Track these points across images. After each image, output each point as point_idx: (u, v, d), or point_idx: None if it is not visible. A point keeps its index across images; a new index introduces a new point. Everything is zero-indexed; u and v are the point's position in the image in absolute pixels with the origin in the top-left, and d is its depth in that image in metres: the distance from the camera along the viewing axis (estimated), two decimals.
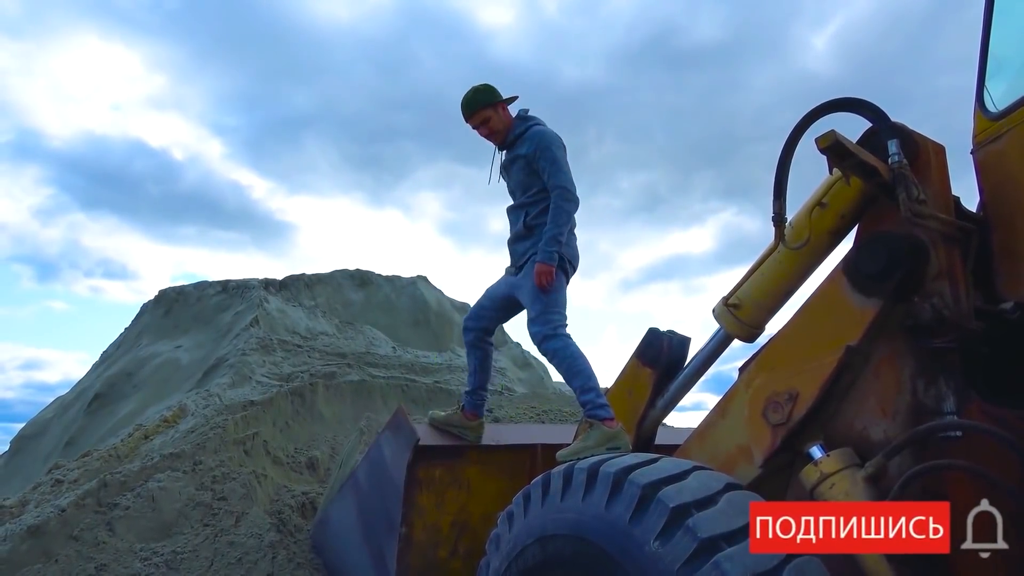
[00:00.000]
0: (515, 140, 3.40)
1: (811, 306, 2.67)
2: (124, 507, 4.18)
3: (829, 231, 2.67)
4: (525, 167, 3.33)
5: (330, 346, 9.98)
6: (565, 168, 3.27)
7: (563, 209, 3.18)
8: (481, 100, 3.41)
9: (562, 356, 3.07)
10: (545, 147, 3.26)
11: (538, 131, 3.34)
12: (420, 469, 3.70)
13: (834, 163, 2.37)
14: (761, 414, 2.67)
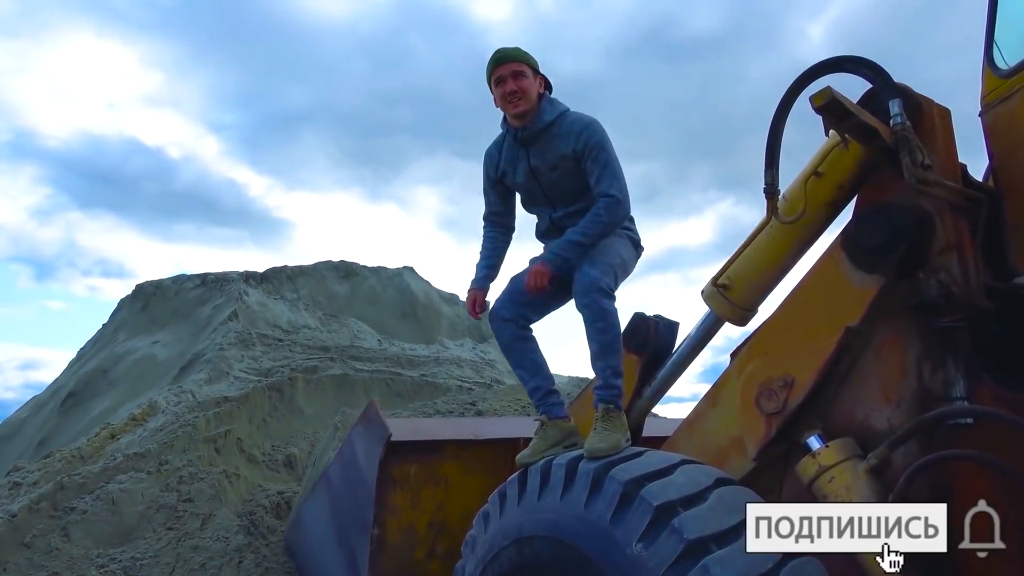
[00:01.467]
0: (544, 129, 2.79)
1: (807, 285, 2.51)
2: (81, 511, 3.99)
3: (826, 203, 2.49)
4: (574, 169, 2.75)
5: (313, 340, 9.80)
6: (620, 173, 2.71)
7: (604, 221, 2.64)
8: (529, 57, 2.82)
9: (609, 322, 2.54)
10: (597, 143, 2.69)
11: (582, 121, 2.75)
12: (393, 466, 3.52)
13: (830, 124, 2.19)
14: (754, 402, 2.52)
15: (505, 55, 2.82)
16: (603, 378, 2.60)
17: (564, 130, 2.75)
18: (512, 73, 2.78)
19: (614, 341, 2.56)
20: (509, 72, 2.78)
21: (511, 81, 2.78)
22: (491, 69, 2.83)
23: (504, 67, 2.80)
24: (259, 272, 11.55)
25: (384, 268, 13.32)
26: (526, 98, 2.77)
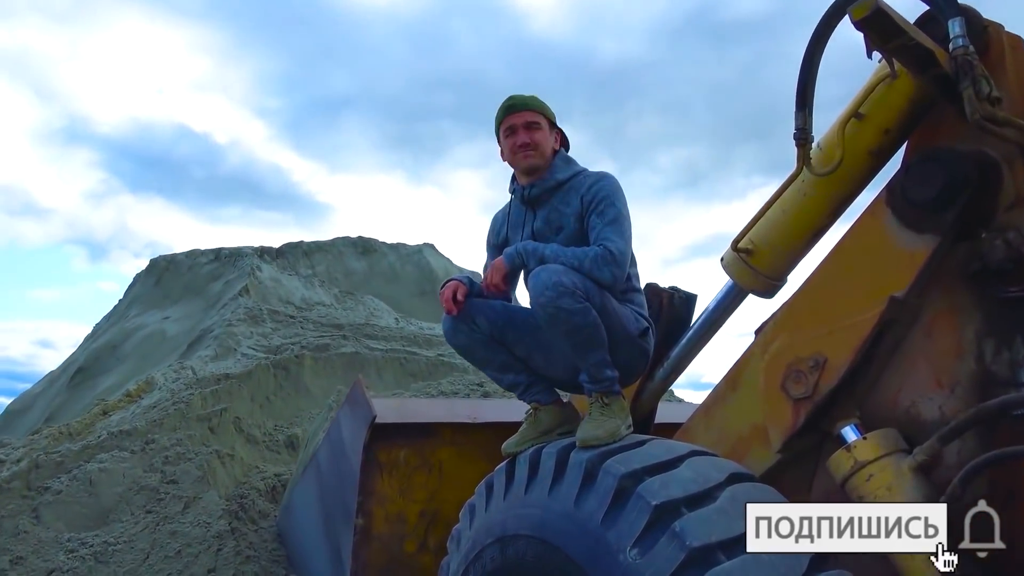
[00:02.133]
0: (555, 188, 2.45)
1: (844, 248, 2.19)
2: (55, 491, 3.84)
3: (868, 151, 2.15)
4: (579, 232, 2.38)
5: (326, 317, 9.63)
6: (627, 236, 2.33)
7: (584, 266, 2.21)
8: (545, 108, 2.51)
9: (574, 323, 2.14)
10: (606, 196, 2.33)
11: (597, 174, 2.45)
12: (380, 451, 3.29)
13: (874, 44, 1.84)
14: (780, 386, 2.24)
15: (519, 102, 2.49)
16: (589, 376, 2.30)
17: (575, 186, 2.43)
18: (525, 124, 2.47)
19: (592, 338, 2.19)
20: (522, 122, 2.47)
21: (523, 132, 2.46)
22: (501, 117, 2.51)
23: (516, 116, 2.48)
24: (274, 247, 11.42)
25: (403, 245, 13.10)
26: (539, 152, 2.46)
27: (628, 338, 2.34)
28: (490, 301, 2.47)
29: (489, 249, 2.70)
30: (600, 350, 2.22)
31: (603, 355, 2.24)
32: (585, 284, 2.16)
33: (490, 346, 2.45)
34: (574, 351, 2.21)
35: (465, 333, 2.43)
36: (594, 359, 2.23)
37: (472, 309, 2.41)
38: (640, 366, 2.47)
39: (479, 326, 2.42)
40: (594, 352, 2.21)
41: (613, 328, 2.27)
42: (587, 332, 2.16)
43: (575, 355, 2.23)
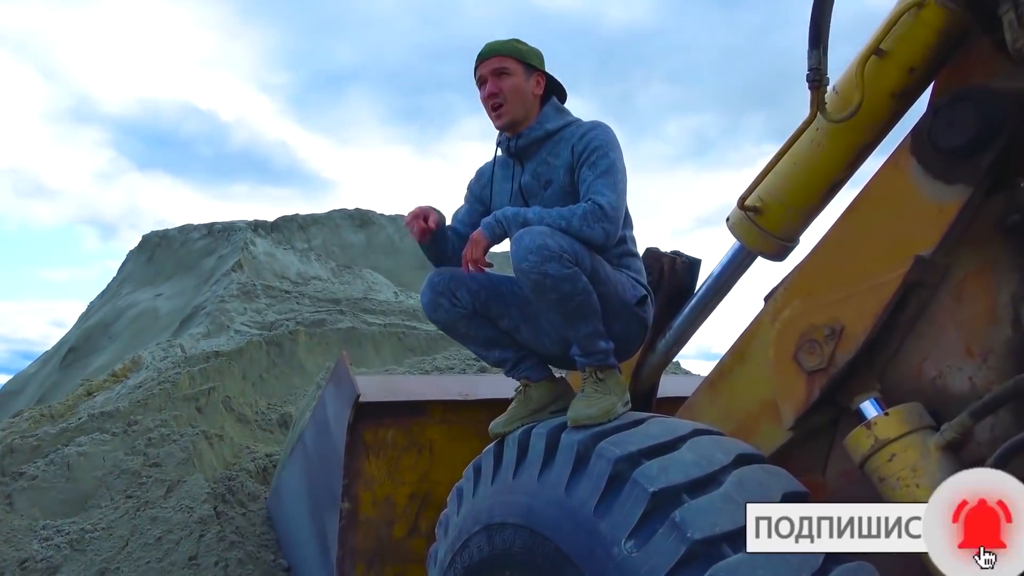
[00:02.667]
0: (544, 138, 2.24)
1: (863, 203, 2.00)
2: (31, 476, 3.72)
3: (891, 93, 1.94)
4: (570, 185, 2.18)
5: (323, 291, 9.49)
6: (621, 189, 2.11)
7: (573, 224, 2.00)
8: (516, 49, 2.24)
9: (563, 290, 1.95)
10: (599, 146, 2.13)
11: (590, 123, 2.23)
12: (366, 431, 3.15)
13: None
14: (792, 356, 2.07)
15: (486, 49, 2.25)
16: (581, 348, 2.10)
17: (567, 136, 2.20)
18: (492, 71, 2.22)
19: (582, 306, 1.99)
20: (489, 70, 2.23)
21: (491, 81, 2.22)
22: (474, 68, 2.28)
23: (484, 65, 2.23)
24: (269, 221, 11.24)
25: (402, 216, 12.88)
26: (509, 103, 2.22)
27: (624, 307, 2.15)
28: (474, 274, 2.27)
29: (469, 198, 2.49)
30: (592, 320, 2.03)
31: (595, 325, 2.05)
32: (573, 247, 1.96)
33: (473, 320, 2.26)
34: (563, 322, 2.03)
35: (445, 308, 2.23)
36: (585, 330, 2.04)
37: (452, 281, 2.22)
38: (638, 338, 2.28)
39: (460, 299, 2.22)
40: (586, 322, 2.03)
41: (607, 296, 2.08)
42: (577, 300, 1.97)
43: (565, 326, 2.05)
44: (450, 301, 2.22)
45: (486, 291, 2.24)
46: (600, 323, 2.07)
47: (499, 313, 2.26)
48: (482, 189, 2.44)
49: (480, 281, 2.24)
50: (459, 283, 2.22)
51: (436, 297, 2.23)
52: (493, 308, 2.25)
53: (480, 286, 2.23)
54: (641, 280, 2.28)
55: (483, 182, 2.45)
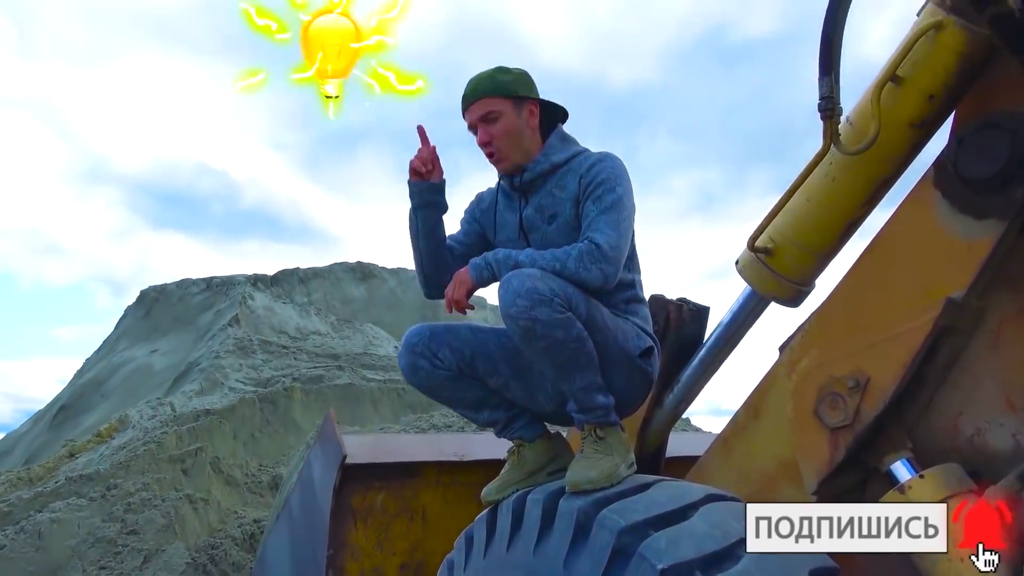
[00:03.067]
0: (549, 171, 2.08)
1: (885, 242, 1.86)
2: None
3: (910, 122, 1.81)
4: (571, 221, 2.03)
5: (322, 346, 9.34)
6: (625, 229, 1.94)
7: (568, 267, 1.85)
8: (498, 84, 2.06)
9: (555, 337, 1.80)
10: (605, 179, 1.97)
11: (597, 155, 2.06)
12: (353, 495, 2.96)
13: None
14: (812, 411, 1.90)
15: (468, 91, 2.08)
16: (577, 404, 1.93)
17: (574, 167, 2.04)
18: (481, 118, 2.06)
19: (576, 355, 1.83)
20: (477, 117, 2.07)
21: (481, 129, 2.07)
22: (462, 112, 2.13)
23: (471, 111, 2.08)
24: (268, 275, 11.17)
25: (404, 269, 12.82)
26: (505, 148, 2.07)
27: (625, 357, 1.98)
28: (454, 327, 2.09)
29: (467, 220, 2.31)
30: (588, 371, 1.86)
31: (592, 377, 1.88)
32: (566, 290, 1.81)
33: (458, 382, 2.07)
34: (557, 373, 1.86)
35: (426, 371, 2.03)
36: (581, 382, 1.87)
37: (432, 341, 2.03)
38: (641, 392, 2.10)
39: (442, 360, 2.03)
40: (581, 374, 1.86)
41: (605, 345, 1.91)
42: (571, 349, 1.80)
43: (558, 378, 1.88)
44: (431, 363, 2.03)
45: (470, 347, 2.05)
46: (598, 375, 1.90)
47: (486, 371, 2.07)
48: (483, 214, 2.28)
49: (463, 337, 2.06)
50: (440, 342, 2.04)
51: (415, 359, 2.03)
52: (479, 366, 2.06)
53: (463, 343, 2.05)
54: (647, 329, 2.11)
55: (484, 207, 2.28)
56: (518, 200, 2.15)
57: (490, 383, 2.07)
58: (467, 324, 2.12)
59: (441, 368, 2.03)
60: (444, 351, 2.02)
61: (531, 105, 2.09)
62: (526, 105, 2.08)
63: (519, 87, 2.08)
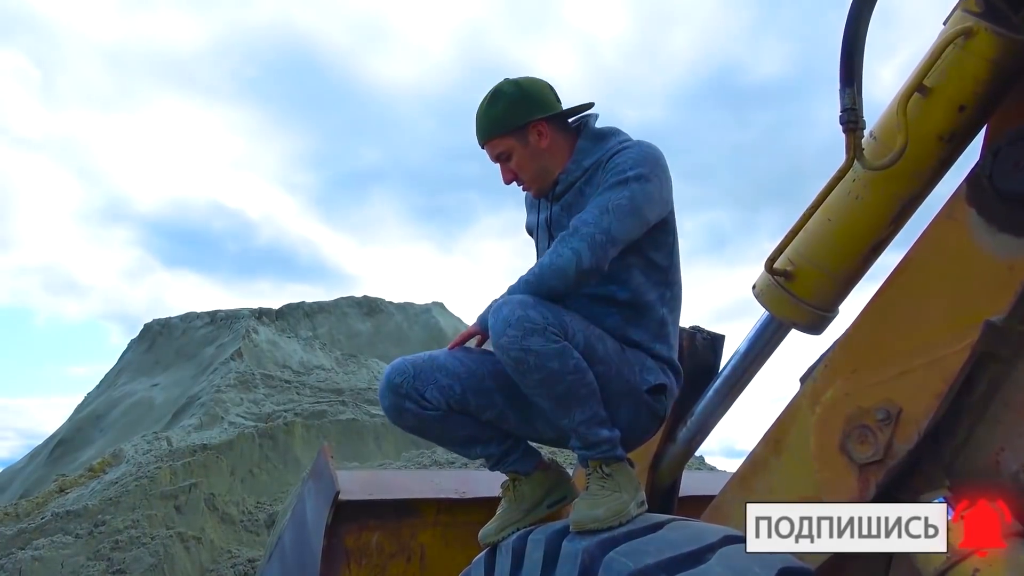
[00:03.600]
0: (580, 177, 1.96)
1: (914, 262, 1.75)
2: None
3: (939, 135, 1.71)
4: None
5: (325, 381, 9.21)
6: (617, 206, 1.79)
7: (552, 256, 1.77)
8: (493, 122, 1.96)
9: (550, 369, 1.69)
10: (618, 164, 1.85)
11: (627, 144, 1.93)
12: (348, 534, 2.83)
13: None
14: (839, 446, 1.77)
15: (476, 134, 2.02)
16: (580, 439, 1.79)
17: (602, 161, 1.92)
18: (496, 158, 2.00)
19: (574, 388, 1.70)
20: (493, 159, 2.02)
21: (502, 169, 2.01)
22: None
23: (486, 149, 2.02)
24: (274, 309, 11.09)
25: (411, 304, 12.72)
26: (529, 178, 1.99)
27: (631, 392, 1.84)
28: (439, 358, 1.92)
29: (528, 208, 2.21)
30: (589, 404, 1.73)
31: (594, 410, 1.75)
32: (561, 318, 1.69)
33: (448, 421, 1.89)
34: (554, 407, 1.73)
35: (412, 413, 1.87)
36: (582, 416, 1.73)
37: (417, 380, 1.86)
38: (648, 429, 1.96)
39: (429, 401, 1.85)
40: (581, 407, 1.72)
41: (607, 377, 1.78)
42: (568, 381, 1.68)
43: (556, 413, 1.75)
44: (417, 404, 1.85)
45: (460, 383, 1.87)
46: (600, 407, 1.77)
47: (480, 405, 1.89)
48: (528, 213, 2.19)
49: (451, 371, 1.88)
50: (426, 381, 1.85)
51: (399, 401, 1.86)
52: (472, 401, 1.88)
53: (452, 378, 1.87)
54: (669, 363, 1.97)
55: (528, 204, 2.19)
56: (546, 202, 2.05)
57: (484, 417, 1.91)
58: (450, 352, 1.95)
59: (429, 409, 1.86)
60: (432, 391, 1.85)
61: (536, 126, 1.95)
62: (531, 129, 1.95)
63: (515, 116, 1.94)
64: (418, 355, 1.96)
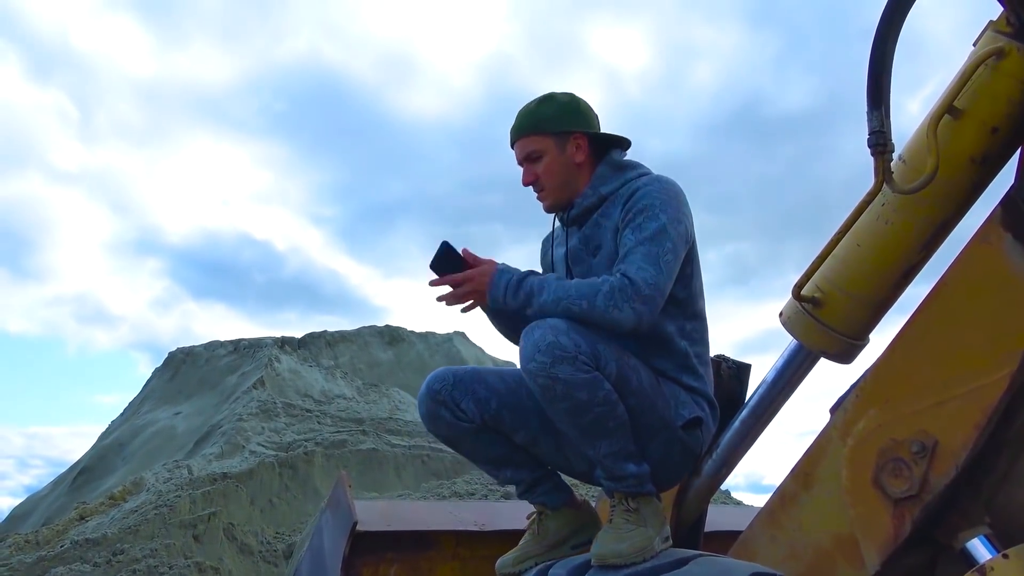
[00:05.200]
0: (598, 204, 1.95)
1: (948, 288, 1.69)
2: None
3: (971, 157, 1.67)
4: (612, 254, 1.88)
5: (346, 411, 9.24)
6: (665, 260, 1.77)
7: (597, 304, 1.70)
8: (540, 120, 1.95)
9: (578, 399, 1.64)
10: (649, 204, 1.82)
11: (648, 179, 1.92)
12: (365, 567, 2.77)
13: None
14: (872, 480, 1.70)
15: (513, 129, 2.00)
16: (605, 470, 1.77)
17: (622, 194, 1.90)
18: (525, 157, 1.97)
19: (602, 420, 1.67)
20: (522, 156, 1.99)
21: (525, 168, 1.99)
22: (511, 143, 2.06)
23: (516, 148, 1.99)
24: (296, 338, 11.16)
25: (433, 333, 12.77)
26: (549, 186, 1.96)
27: (664, 427, 1.80)
28: (481, 372, 1.95)
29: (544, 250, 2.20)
30: (617, 437, 1.69)
31: (622, 444, 1.71)
32: (595, 347, 1.65)
33: (480, 436, 1.92)
34: (580, 437, 1.70)
35: (447, 421, 1.90)
36: (607, 449, 1.70)
37: (456, 390, 1.89)
38: (682, 467, 1.91)
39: (464, 412, 1.89)
40: (608, 440, 1.69)
41: (641, 411, 1.74)
42: (595, 412, 1.64)
43: (582, 442, 1.72)
44: (452, 413, 1.89)
45: (497, 399, 1.90)
46: (629, 441, 1.73)
47: (513, 425, 1.91)
48: (543, 258, 2.17)
49: (490, 385, 1.91)
50: (464, 391, 1.89)
51: (436, 407, 1.90)
52: (506, 419, 1.91)
53: (490, 392, 1.90)
54: (706, 394, 1.93)
55: (543, 251, 2.17)
56: (569, 231, 2.02)
57: (517, 438, 1.91)
58: (496, 369, 1.98)
59: (463, 420, 1.89)
60: (468, 402, 1.88)
61: (578, 138, 1.95)
62: (571, 139, 1.94)
63: (563, 121, 1.94)
64: (463, 366, 1.97)
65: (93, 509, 5.02)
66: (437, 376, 1.93)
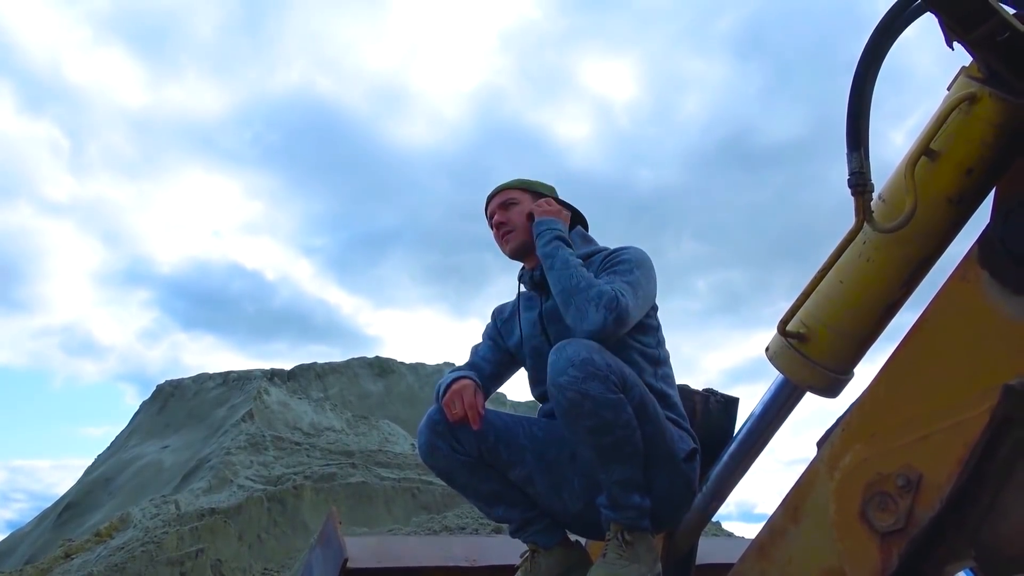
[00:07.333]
0: None
1: (928, 324, 1.73)
2: None
3: (948, 197, 1.71)
4: None
5: (336, 443, 9.17)
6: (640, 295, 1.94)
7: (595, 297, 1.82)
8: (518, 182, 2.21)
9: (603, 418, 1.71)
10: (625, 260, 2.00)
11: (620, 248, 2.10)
12: None
13: (953, 31, 1.44)
14: (859, 514, 1.72)
15: (494, 190, 2.26)
16: (610, 498, 1.81)
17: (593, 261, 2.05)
18: (500, 205, 2.22)
19: (621, 443, 1.73)
20: (497, 205, 2.23)
21: (499, 213, 2.21)
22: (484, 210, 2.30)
23: (492, 202, 2.23)
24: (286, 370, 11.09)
25: (423, 365, 12.73)
26: (518, 230, 2.16)
27: (670, 458, 1.88)
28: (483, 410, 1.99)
29: (490, 333, 2.29)
30: (631, 464, 1.74)
31: (634, 472, 1.76)
32: (623, 371, 1.74)
33: (476, 471, 1.97)
34: (596, 458, 1.74)
35: (443, 453, 1.95)
36: (619, 475, 1.74)
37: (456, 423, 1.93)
38: (682, 502, 1.97)
39: (462, 444, 1.94)
40: (621, 466, 1.74)
41: (653, 440, 1.81)
42: (617, 435, 1.70)
43: (597, 463, 1.75)
44: (450, 445, 1.94)
45: (495, 432, 1.95)
46: (640, 471, 1.79)
47: (510, 460, 1.95)
48: (504, 323, 2.26)
49: (489, 420, 1.95)
50: (463, 425, 1.92)
51: (434, 439, 1.95)
52: (503, 454, 1.95)
53: (488, 426, 1.94)
54: (686, 428, 2.02)
55: (505, 316, 2.27)
56: (539, 296, 2.13)
57: (512, 474, 1.95)
58: (493, 410, 2.02)
59: (460, 453, 1.94)
60: (466, 435, 1.92)
61: (549, 199, 2.17)
62: (544, 199, 2.17)
63: (539, 187, 2.21)
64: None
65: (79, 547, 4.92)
66: (439, 408, 1.99)
